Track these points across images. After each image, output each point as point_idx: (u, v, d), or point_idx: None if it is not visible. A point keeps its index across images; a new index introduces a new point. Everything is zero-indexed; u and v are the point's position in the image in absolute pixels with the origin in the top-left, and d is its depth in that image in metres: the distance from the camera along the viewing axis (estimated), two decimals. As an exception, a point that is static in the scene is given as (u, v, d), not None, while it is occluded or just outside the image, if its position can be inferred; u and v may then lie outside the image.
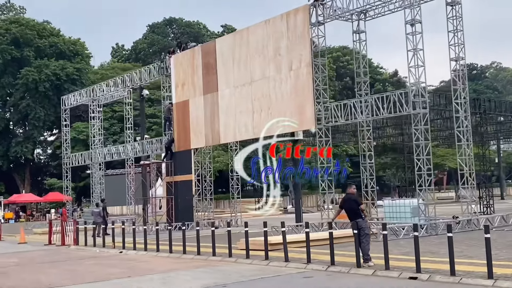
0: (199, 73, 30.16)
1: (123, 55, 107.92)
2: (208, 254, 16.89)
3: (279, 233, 22.35)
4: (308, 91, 24.09)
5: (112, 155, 37.95)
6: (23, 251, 22.13)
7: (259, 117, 26.52)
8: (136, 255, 18.76)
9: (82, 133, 71.30)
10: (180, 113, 31.47)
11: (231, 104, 28.17)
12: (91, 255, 19.54)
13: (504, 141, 60.87)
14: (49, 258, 18.82)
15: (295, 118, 24.62)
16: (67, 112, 42.44)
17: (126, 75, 36.22)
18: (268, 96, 26.02)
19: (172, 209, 31.01)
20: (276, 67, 25.65)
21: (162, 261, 16.53)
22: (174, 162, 31.32)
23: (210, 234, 17.00)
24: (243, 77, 27.40)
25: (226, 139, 29.11)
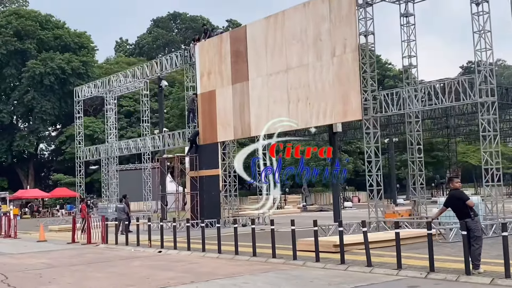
0: (227, 61, 28.35)
1: (127, 49, 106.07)
2: (265, 255, 15.14)
3: (326, 232, 20.66)
4: (354, 79, 22.30)
5: (129, 149, 36.07)
6: (49, 250, 20.31)
7: (296, 108, 24.73)
8: (180, 255, 16.98)
9: (88, 128, 69.48)
10: (205, 104, 29.65)
11: (263, 94, 26.37)
12: (129, 255, 17.74)
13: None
14: (84, 259, 17.01)
15: (338, 108, 22.83)
16: (80, 104, 40.65)
17: (145, 64, 34.31)
18: (307, 85, 24.23)
19: (197, 205, 29.23)
20: (316, 54, 23.85)
21: (216, 263, 14.74)
22: (199, 156, 29.52)
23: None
24: (278, 65, 25.60)
25: (257, 131, 27.26)
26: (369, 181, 22.17)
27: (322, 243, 15.40)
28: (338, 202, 25.52)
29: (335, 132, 25.87)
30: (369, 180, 22.17)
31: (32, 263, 16.35)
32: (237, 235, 15.85)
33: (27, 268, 15.25)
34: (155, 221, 25.40)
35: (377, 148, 22.18)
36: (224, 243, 17.82)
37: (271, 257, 14.61)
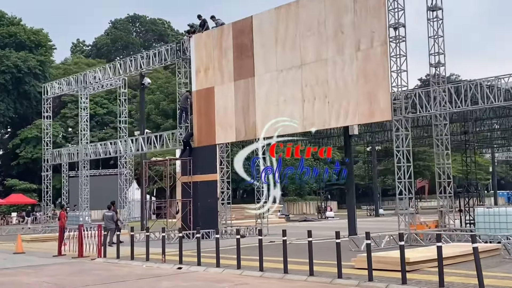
0: (229, 56, 25.81)
1: (83, 50, 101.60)
2: (324, 274, 12.72)
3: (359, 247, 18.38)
4: (383, 75, 20.21)
5: (107, 152, 32.80)
6: (38, 265, 17.15)
7: (311, 107, 22.43)
8: (209, 273, 14.30)
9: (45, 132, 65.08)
10: (202, 102, 26.98)
11: (272, 91, 23.97)
12: (144, 272, 14.91)
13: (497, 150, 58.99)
14: (94, 278, 14.07)
15: (362, 107, 20.68)
16: (49, 102, 37.07)
17: (129, 59, 31.27)
18: (325, 82, 21.99)
19: (189, 214, 26.45)
20: (338, 47, 21.67)
21: (272, 285, 12.15)
22: (193, 160, 26.79)
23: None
24: (290, 60, 23.28)
25: (264, 132, 24.81)
26: (399, 188, 20.07)
27: (385, 260, 13.12)
28: (354, 212, 23.29)
29: (351, 135, 23.76)
30: (399, 187, 20.07)
31: (32, 283, 13.32)
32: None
33: (31, 289, 12.27)
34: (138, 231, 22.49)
35: (408, 152, 20.13)
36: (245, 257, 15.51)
37: (336, 277, 12.16)
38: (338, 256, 12.27)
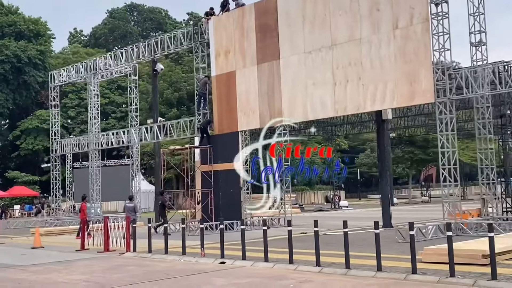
0: (251, 38, 24.49)
1: (81, 40, 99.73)
2: (392, 269, 11.53)
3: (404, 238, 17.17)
4: (425, 54, 18.94)
5: (120, 142, 31.45)
6: (66, 261, 15.83)
7: (343, 90, 21.16)
8: (259, 268, 13.07)
9: (46, 122, 63.61)
10: (222, 87, 25.67)
11: (299, 74, 22.68)
12: (187, 267, 13.65)
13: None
14: (135, 274, 12.78)
15: (402, 89, 19.42)
16: (56, 90, 35.62)
17: (142, 44, 29.86)
18: (359, 63, 20.70)
19: (210, 204, 25.21)
20: (372, 26, 20.38)
21: (338, 283, 10.93)
22: (213, 148, 25.53)
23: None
24: (320, 40, 21.98)
25: (291, 118, 23.55)
26: (443, 175, 18.87)
27: (464, 252, 11.91)
28: (389, 202, 22.12)
29: (384, 120, 22.54)
30: (443, 174, 18.87)
31: (68, 282, 12.05)
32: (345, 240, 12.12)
33: (71, 289, 11.01)
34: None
35: (453, 136, 18.91)
36: (280, 250, 14.36)
37: (410, 273, 10.94)
38: (412, 249, 11.04)
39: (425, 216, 28.91)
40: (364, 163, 67.17)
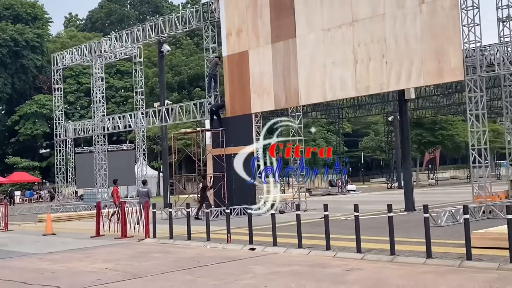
0: (265, 16, 23.54)
1: (77, 25, 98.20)
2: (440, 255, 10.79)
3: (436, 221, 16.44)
4: (454, 30, 18.04)
5: (126, 125, 30.52)
6: (83, 248, 15.05)
7: (366, 69, 20.27)
8: (291, 254, 12.32)
9: (45, 107, 62.56)
10: (234, 68, 24.75)
11: (318, 53, 21.78)
12: (214, 254, 12.87)
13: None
14: (160, 262, 11.99)
15: (429, 66, 18.54)
16: (59, 73, 34.56)
17: (149, 24, 28.83)
18: (383, 40, 19.80)
19: (223, 188, 24.44)
20: (396, 1, 19.44)
21: (389, 271, 10.16)
22: (226, 130, 24.69)
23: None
24: (339, 17, 21.06)
25: (309, 99, 22.67)
26: (473, 155, 18.10)
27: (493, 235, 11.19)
28: (411, 184, 21.35)
29: (407, 100, 21.73)
30: (473, 154, 18.10)
31: (95, 270, 11.25)
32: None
33: (100, 280, 10.21)
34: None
35: (483, 115, 18.10)
36: (309, 235, 13.69)
37: (465, 259, 10.18)
38: (467, 234, 10.25)
39: (442, 199, 28.22)
40: (368, 146, 66.40)
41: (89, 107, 66.17)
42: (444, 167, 75.01)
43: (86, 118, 53.61)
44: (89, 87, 66.35)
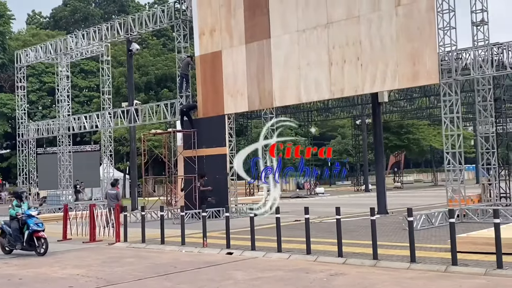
0: (239, 15, 23.19)
1: (41, 22, 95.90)
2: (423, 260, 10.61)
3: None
4: (430, 33, 18.03)
5: (93, 126, 29.69)
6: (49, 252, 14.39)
7: (340, 71, 20.13)
8: (271, 258, 11.98)
9: (6, 106, 60.77)
10: (207, 68, 24.31)
11: (292, 54, 21.54)
12: (191, 259, 12.43)
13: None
14: (137, 267, 11.48)
15: (404, 69, 18.51)
16: (23, 71, 33.47)
17: (118, 21, 28.14)
18: (358, 43, 19.68)
19: (194, 191, 23.96)
20: (372, 3, 19.35)
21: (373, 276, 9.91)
22: (198, 132, 24.22)
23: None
24: (314, 18, 20.86)
25: (283, 101, 22.36)
26: (447, 158, 18.10)
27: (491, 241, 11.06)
28: (384, 188, 21.29)
29: (380, 103, 21.66)
30: (447, 158, 18.10)
31: (66, 277, 10.67)
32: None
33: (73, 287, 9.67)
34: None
35: (458, 118, 18.12)
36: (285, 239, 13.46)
37: (450, 264, 10.01)
38: (453, 238, 10.10)
39: (412, 202, 28.31)
40: (335, 149, 66.60)
41: (52, 107, 64.76)
42: (408, 171, 75.89)
43: (48, 118, 52.26)
44: (52, 86, 65.18)
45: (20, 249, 14.10)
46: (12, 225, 14.30)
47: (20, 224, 14.17)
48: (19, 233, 14.11)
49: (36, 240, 13.90)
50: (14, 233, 14.11)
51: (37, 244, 13.89)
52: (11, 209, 14.46)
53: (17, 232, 14.10)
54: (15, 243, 14.09)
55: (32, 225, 13.92)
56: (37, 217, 14.53)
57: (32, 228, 13.90)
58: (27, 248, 14.02)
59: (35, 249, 13.94)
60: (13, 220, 14.37)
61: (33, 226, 13.92)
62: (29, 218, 14.10)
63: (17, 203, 14.49)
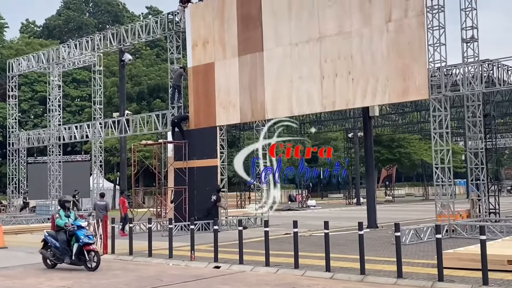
0: (232, 28, 23.28)
1: (34, 31, 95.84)
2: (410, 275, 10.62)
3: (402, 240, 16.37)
4: (419, 49, 18.19)
5: (84, 136, 29.62)
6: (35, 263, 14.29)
7: (332, 85, 20.24)
8: (258, 273, 11.96)
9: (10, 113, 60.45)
10: (199, 79, 24.37)
11: (284, 67, 21.64)
12: (178, 272, 12.39)
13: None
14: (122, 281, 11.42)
15: (395, 84, 18.63)
16: (15, 80, 33.41)
17: (111, 31, 28.19)
18: (349, 57, 19.81)
19: (184, 203, 23.92)
20: (364, 18, 19.52)
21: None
22: (189, 143, 24.22)
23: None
24: (307, 32, 20.99)
25: (275, 113, 22.42)
26: (436, 173, 18.19)
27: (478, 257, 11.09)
28: (374, 202, 21.34)
29: (371, 117, 21.78)
30: (436, 173, 18.19)
31: None
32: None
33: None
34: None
35: (447, 134, 18.24)
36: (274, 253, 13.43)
37: (436, 280, 10.04)
38: (439, 253, 10.14)
39: (403, 216, 28.44)
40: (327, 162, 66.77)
41: (44, 116, 64.58)
42: (399, 184, 76.14)
43: (40, 127, 52.13)
44: (44, 95, 65.04)
45: (68, 263, 13.10)
46: (59, 237, 13.22)
47: (68, 235, 13.18)
48: (67, 245, 13.12)
49: (87, 253, 12.93)
50: (62, 246, 13.07)
51: (88, 258, 12.89)
52: (58, 219, 13.37)
53: (65, 245, 13.07)
54: (63, 256, 13.09)
55: (83, 237, 12.92)
56: (86, 228, 13.56)
57: (83, 241, 12.89)
58: (76, 262, 13.03)
59: (85, 264, 12.96)
60: (59, 232, 13.31)
61: (84, 238, 12.93)
62: (78, 230, 13.10)
63: (64, 213, 13.41)
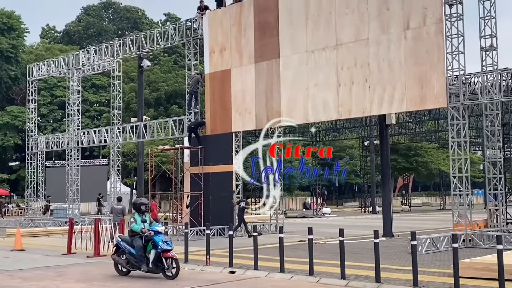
0: (249, 35, 23.41)
1: (55, 37, 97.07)
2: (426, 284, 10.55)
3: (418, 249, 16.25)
4: (438, 57, 18.15)
5: (102, 140, 29.90)
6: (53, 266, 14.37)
7: (348, 92, 20.23)
8: (273, 279, 11.95)
9: (17, 119, 61.28)
10: (216, 86, 24.51)
11: (301, 74, 21.69)
12: (194, 277, 12.42)
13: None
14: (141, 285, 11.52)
15: (412, 92, 18.59)
16: (35, 84, 33.84)
17: (130, 38, 28.48)
18: (366, 65, 19.81)
19: (200, 208, 24.02)
20: (381, 26, 19.52)
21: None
22: (205, 149, 24.32)
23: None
24: (323, 40, 21.03)
25: (290, 119, 22.49)
26: (453, 183, 18.06)
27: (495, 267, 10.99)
28: (390, 210, 21.23)
29: (388, 125, 21.70)
30: (453, 182, 18.05)
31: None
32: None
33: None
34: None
35: (465, 143, 18.10)
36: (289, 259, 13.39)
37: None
38: (455, 263, 10.05)
39: (419, 225, 28.21)
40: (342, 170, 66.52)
41: (62, 120, 65.29)
42: (416, 194, 75.56)
43: (58, 131, 52.64)
44: (64, 100, 65.79)
45: (146, 271, 12.33)
46: (135, 242, 12.43)
47: (144, 241, 12.44)
48: (144, 252, 12.38)
49: (165, 260, 12.12)
50: (139, 253, 12.29)
51: (166, 265, 12.11)
52: (134, 224, 12.57)
53: (142, 251, 12.29)
54: (139, 263, 12.31)
55: (161, 244, 12.10)
56: (163, 233, 12.70)
57: (161, 247, 12.07)
58: (154, 270, 12.24)
59: (163, 271, 12.17)
60: (135, 237, 12.52)
61: (163, 244, 12.11)
62: (156, 235, 12.29)
63: (140, 218, 12.70)
